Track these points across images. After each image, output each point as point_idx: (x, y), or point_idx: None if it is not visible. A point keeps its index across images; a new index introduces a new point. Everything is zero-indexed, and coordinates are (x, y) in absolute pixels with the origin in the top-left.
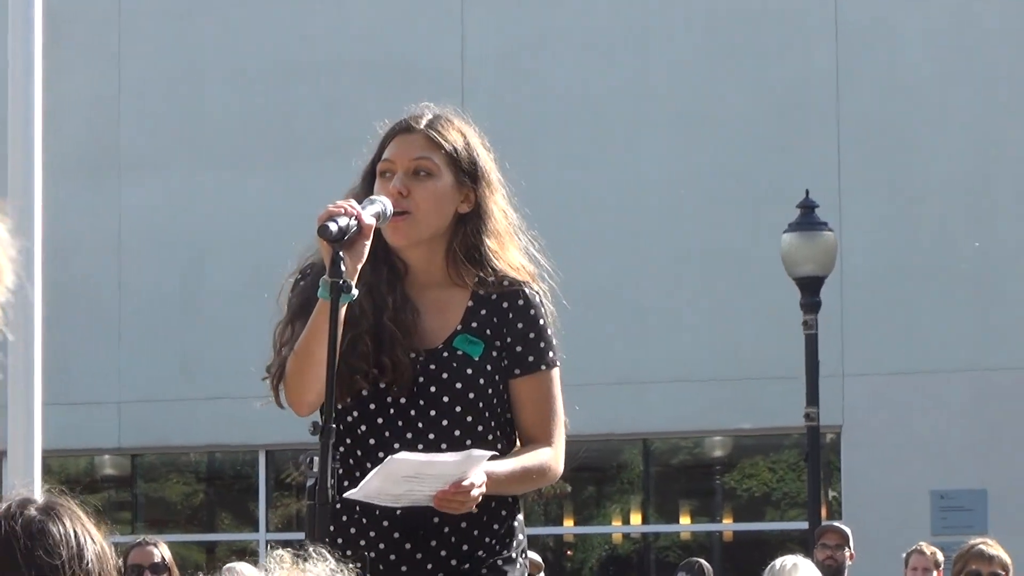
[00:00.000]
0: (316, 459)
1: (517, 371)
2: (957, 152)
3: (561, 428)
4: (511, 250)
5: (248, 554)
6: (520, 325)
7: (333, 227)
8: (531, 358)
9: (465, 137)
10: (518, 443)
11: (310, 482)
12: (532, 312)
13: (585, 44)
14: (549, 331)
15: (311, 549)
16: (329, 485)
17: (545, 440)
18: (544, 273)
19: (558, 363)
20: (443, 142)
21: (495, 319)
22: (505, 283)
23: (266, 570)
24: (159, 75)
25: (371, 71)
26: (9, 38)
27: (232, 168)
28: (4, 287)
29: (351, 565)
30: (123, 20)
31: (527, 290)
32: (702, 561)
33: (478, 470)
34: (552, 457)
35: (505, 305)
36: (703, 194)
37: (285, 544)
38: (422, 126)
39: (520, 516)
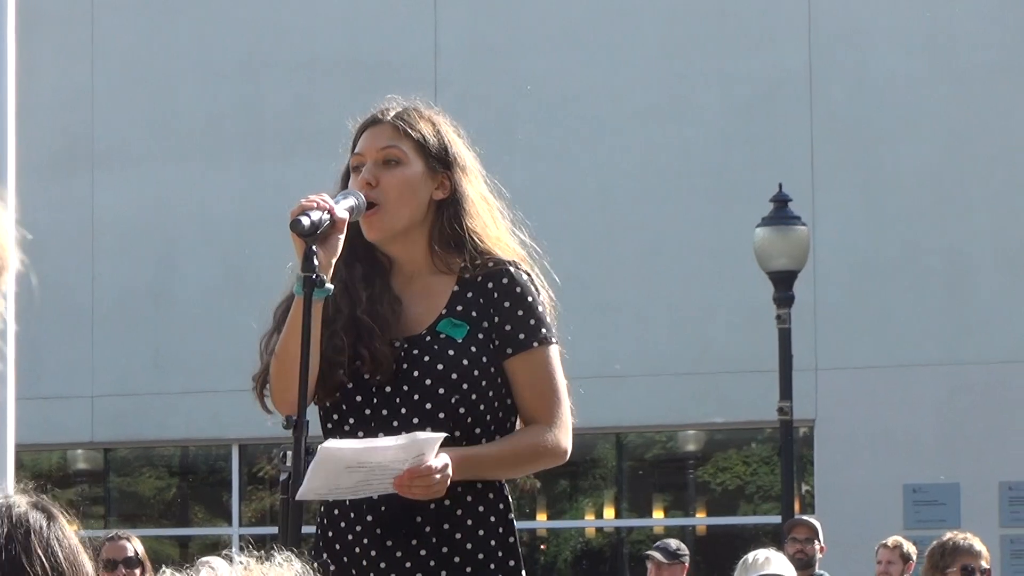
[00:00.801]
0: (289, 453)
1: (509, 351)
2: (929, 148)
3: (563, 406)
4: (494, 232)
5: (221, 548)
6: (507, 304)
7: (305, 221)
8: (521, 336)
9: (435, 125)
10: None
11: (283, 476)
12: (518, 290)
13: (558, 37)
14: (540, 308)
15: (277, 551)
16: (302, 480)
17: (545, 419)
18: (534, 253)
19: (554, 340)
20: (410, 130)
21: (481, 300)
22: (490, 264)
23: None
24: (132, 70)
25: (344, 66)
26: None
27: (204, 163)
28: (8, 274)
29: (316, 566)
30: (96, 15)
31: (512, 269)
32: (676, 540)
33: (438, 453)
34: (551, 436)
35: (490, 285)
36: (676, 188)
37: (258, 539)
38: (390, 117)
39: (512, 519)
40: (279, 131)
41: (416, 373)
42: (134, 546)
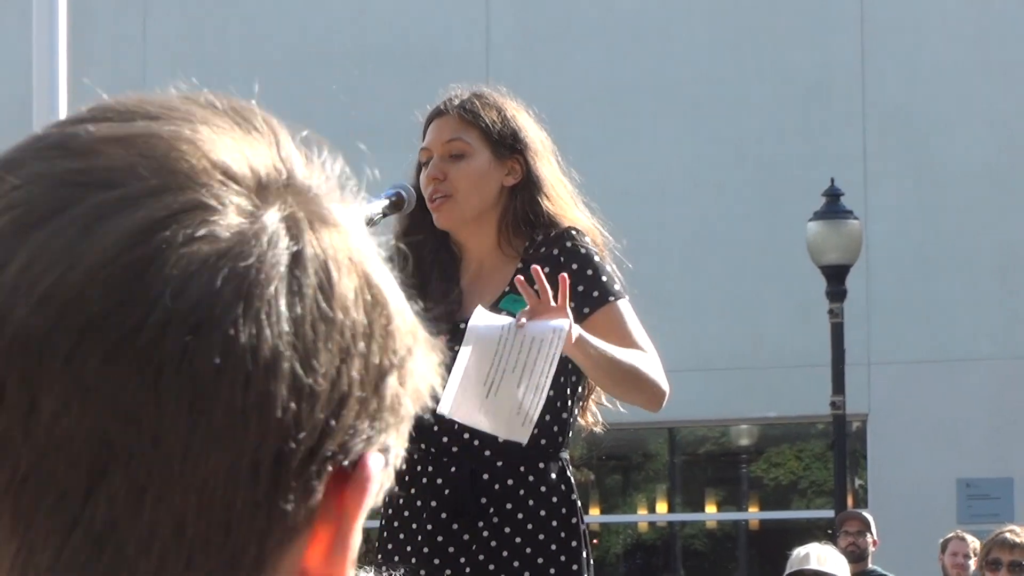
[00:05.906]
0: None
1: (586, 310)
2: (982, 140)
3: (652, 349)
4: (571, 210)
5: None
6: (575, 266)
7: None
8: (595, 293)
9: (501, 110)
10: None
11: None
12: (583, 251)
13: (608, 30)
14: (608, 266)
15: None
16: None
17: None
18: (607, 233)
19: (626, 296)
20: (475, 119)
21: (546, 269)
22: (551, 234)
23: None
24: (182, 62)
25: (394, 57)
26: (34, 26)
27: None
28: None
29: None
30: (147, 7)
31: (572, 232)
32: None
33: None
34: (649, 361)
35: (555, 252)
36: (727, 182)
37: None
38: (454, 107)
39: (575, 500)
40: (329, 124)
41: None
42: None
